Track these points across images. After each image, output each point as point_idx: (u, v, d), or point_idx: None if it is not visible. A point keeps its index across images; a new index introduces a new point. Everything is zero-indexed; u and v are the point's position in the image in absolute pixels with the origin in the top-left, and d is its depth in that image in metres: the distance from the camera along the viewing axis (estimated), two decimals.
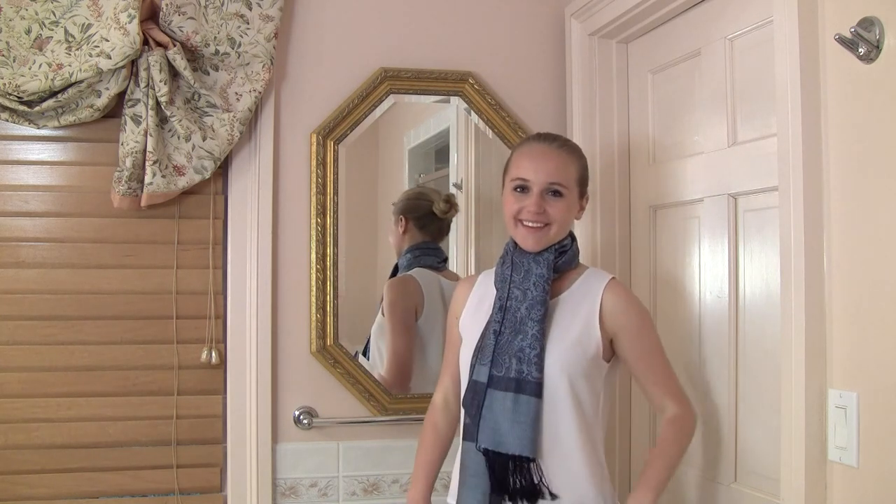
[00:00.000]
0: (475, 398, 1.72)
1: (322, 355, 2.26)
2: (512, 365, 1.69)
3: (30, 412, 2.11)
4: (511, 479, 1.67)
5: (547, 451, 1.67)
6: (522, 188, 1.75)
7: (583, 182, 1.80)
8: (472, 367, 1.76)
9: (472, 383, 1.75)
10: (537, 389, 1.66)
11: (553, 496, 1.67)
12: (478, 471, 1.70)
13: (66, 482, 2.13)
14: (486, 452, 1.69)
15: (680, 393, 1.77)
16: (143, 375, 2.17)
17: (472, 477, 1.72)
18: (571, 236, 1.81)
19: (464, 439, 1.75)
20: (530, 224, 1.73)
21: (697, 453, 1.96)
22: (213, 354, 2.19)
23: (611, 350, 1.75)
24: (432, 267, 2.35)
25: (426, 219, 2.35)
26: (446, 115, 2.41)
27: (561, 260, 1.76)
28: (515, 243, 1.79)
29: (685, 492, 2.00)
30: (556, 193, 1.74)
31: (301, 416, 2.25)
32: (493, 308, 1.78)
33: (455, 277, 2.35)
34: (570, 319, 1.72)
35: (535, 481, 1.66)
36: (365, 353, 2.32)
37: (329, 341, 2.26)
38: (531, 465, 1.66)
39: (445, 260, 2.37)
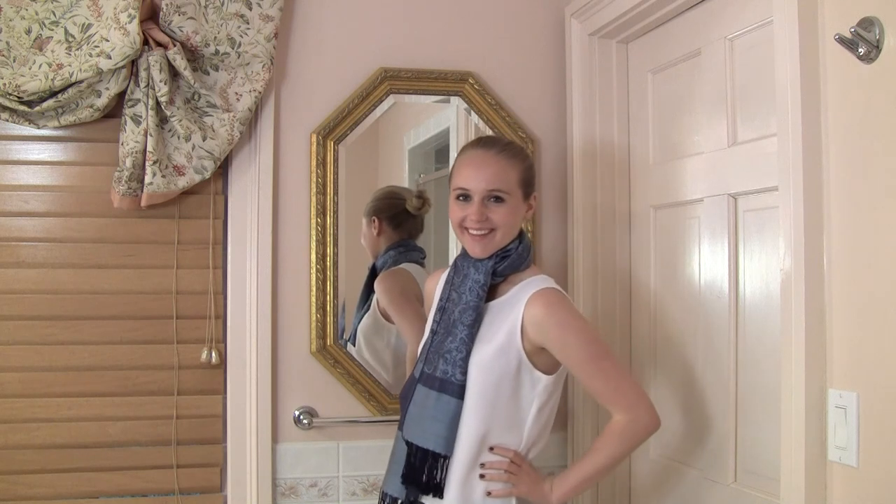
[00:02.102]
0: (408, 391, 1.81)
1: (322, 355, 2.26)
2: (439, 365, 1.74)
3: (30, 412, 2.11)
4: (421, 473, 1.72)
5: (457, 451, 1.72)
6: (464, 196, 1.77)
7: (526, 184, 1.80)
8: (417, 362, 1.84)
9: (410, 377, 1.84)
10: (459, 391, 1.70)
11: (442, 496, 1.72)
12: (401, 459, 1.77)
13: (66, 482, 2.13)
14: (408, 444, 1.75)
15: (625, 400, 1.70)
16: (143, 375, 2.17)
17: (395, 464, 1.79)
18: (520, 238, 1.81)
19: (398, 428, 1.82)
20: (475, 232, 1.76)
21: (697, 453, 1.96)
22: (213, 354, 2.19)
23: (555, 362, 1.74)
24: (418, 262, 2.34)
25: (400, 217, 2.33)
26: (446, 115, 2.40)
27: (502, 265, 1.77)
28: None
29: (685, 492, 2.00)
30: (498, 199, 1.75)
31: (301, 416, 2.25)
32: (435, 308, 1.85)
33: None
34: (497, 327, 1.74)
35: (438, 479, 1.71)
36: (352, 340, 2.32)
37: (329, 341, 2.26)
38: (443, 461, 1.71)
39: (426, 257, 2.36)
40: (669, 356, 2.10)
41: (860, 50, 1.37)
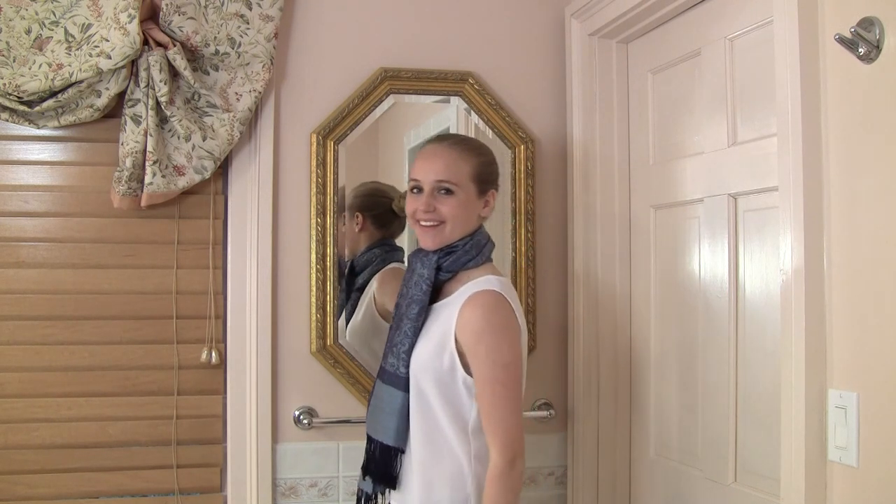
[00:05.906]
0: (372, 387, 1.88)
1: (322, 355, 2.26)
2: (388, 358, 1.78)
3: (30, 412, 2.11)
4: (378, 465, 1.76)
5: (411, 446, 1.74)
6: (417, 189, 1.79)
7: (481, 179, 1.79)
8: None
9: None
10: (404, 384, 1.73)
11: (395, 488, 1.76)
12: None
13: (66, 482, 2.13)
14: (368, 438, 1.82)
15: (503, 438, 1.63)
16: (143, 375, 2.17)
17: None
18: (472, 234, 1.79)
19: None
20: (424, 223, 1.77)
21: (697, 453, 1.96)
22: (213, 354, 2.19)
23: None
24: (400, 262, 2.31)
25: (385, 216, 2.30)
26: (446, 115, 2.40)
27: (447, 261, 1.76)
28: None
29: (685, 492, 2.00)
30: (447, 191, 1.75)
31: (301, 416, 2.25)
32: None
33: None
34: (438, 326, 1.74)
35: (392, 472, 1.74)
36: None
37: (329, 341, 2.26)
38: (398, 455, 1.74)
39: (404, 258, 2.33)
40: (669, 356, 2.10)
41: (860, 50, 1.37)
